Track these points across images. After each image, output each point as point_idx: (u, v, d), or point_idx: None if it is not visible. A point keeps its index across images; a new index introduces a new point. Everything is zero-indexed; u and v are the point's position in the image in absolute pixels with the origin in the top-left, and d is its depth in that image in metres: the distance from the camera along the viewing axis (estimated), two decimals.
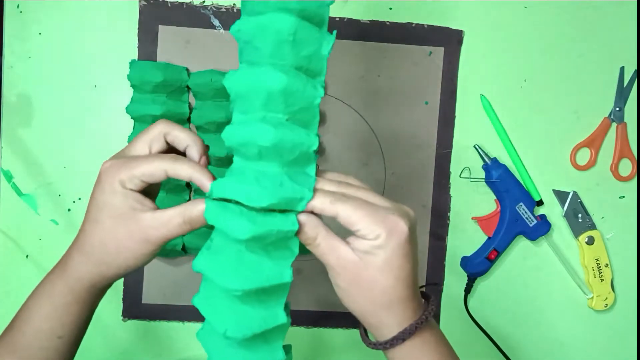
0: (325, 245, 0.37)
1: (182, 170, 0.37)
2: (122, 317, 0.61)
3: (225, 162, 0.58)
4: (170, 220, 0.37)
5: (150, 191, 0.40)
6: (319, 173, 0.40)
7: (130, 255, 0.38)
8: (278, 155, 0.36)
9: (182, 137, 0.39)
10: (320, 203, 0.37)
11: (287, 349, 0.40)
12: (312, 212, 0.37)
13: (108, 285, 0.41)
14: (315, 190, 0.37)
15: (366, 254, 0.36)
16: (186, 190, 0.60)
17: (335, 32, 0.38)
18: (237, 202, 0.36)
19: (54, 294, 0.40)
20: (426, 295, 0.41)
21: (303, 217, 0.37)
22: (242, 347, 0.37)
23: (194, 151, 0.40)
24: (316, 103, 0.38)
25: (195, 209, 0.37)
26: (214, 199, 0.37)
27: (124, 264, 0.39)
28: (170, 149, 0.40)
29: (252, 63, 0.36)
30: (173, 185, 0.59)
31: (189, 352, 0.63)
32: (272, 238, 0.36)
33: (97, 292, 0.41)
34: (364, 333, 0.41)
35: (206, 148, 0.41)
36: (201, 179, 0.38)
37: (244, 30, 0.36)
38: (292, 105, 0.36)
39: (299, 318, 0.63)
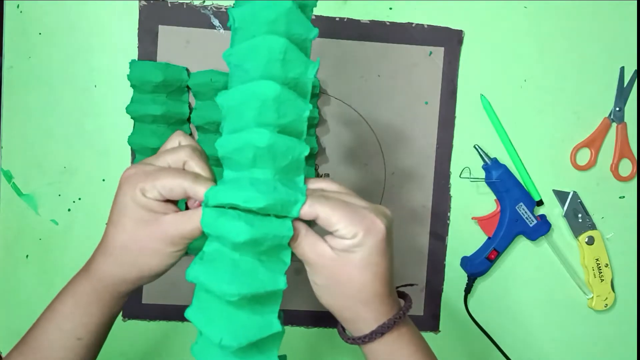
0: (305, 244, 0.38)
1: (201, 189, 0.37)
2: (122, 317, 0.61)
3: None
4: (191, 219, 0.37)
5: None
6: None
7: (152, 257, 0.38)
8: (272, 160, 0.37)
9: (196, 172, 0.39)
10: (304, 211, 0.37)
11: (282, 358, 0.40)
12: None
13: (131, 289, 0.41)
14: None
15: (344, 252, 0.37)
16: None
17: (319, 59, 0.39)
18: (233, 208, 0.36)
19: (77, 293, 0.40)
20: (403, 294, 0.43)
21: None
22: (237, 357, 0.38)
23: (200, 191, 0.39)
24: (305, 116, 0.38)
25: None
26: (211, 207, 0.37)
27: (146, 266, 0.39)
28: None
29: (244, 83, 0.37)
30: None
31: (188, 352, 0.62)
32: (268, 243, 0.36)
33: (119, 296, 0.41)
34: (342, 329, 0.42)
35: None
36: None
37: (235, 53, 0.38)
38: (283, 116, 0.37)
39: (298, 318, 0.63)
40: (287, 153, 0.37)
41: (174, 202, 0.39)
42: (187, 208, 0.41)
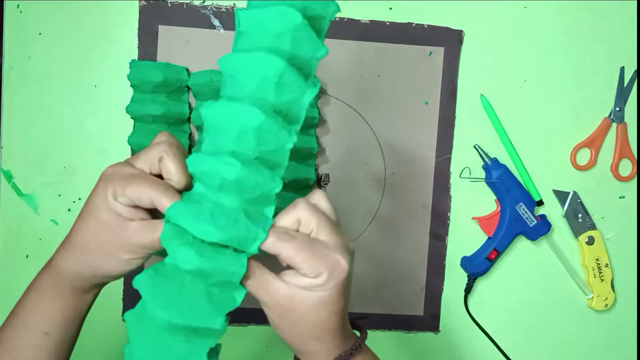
0: (258, 284, 0.37)
1: (166, 202, 0.36)
2: (122, 317, 0.61)
3: None
4: (152, 231, 0.37)
5: None
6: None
7: (108, 260, 0.38)
8: (239, 192, 0.36)
9: (170, 170, 0.38)
10: (266, 247, 0.37)
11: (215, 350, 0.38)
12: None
13: (90, 288, 0.40)
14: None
15: (303, 290, 0.37)
16: None
17: (319, 84, 0.37)
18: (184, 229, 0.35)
19: (40, 287, 0.40)
20: (357, 325, 0.42)
21: None
22: None
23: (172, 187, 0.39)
24: (287, 147, 0.37)
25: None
26: (168, 222, 0.36)
27: (101, 268, 0.38)
28: None
29: (232, 98, 0.36)
30: None
31: None
32: (218, 277, 0.35)
33: (80, 293, 0.40)
34: None
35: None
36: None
37: (231, 64, 0.36)
38: (263, 144, 0.36)
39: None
40: (255, 188, 0.36)
41: (147, 210, 0.38)
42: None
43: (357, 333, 0.42)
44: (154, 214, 0.39)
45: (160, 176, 0.39)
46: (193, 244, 0.35)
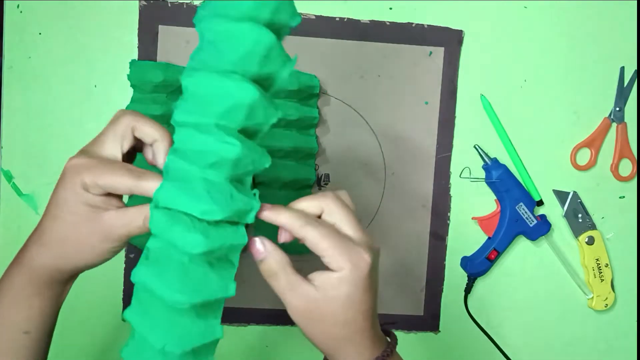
0: (287, 282, 0.37)
1: (150, 186, 0.36)
2: (122, 317, 0.61)
3: None
4: (132, 219, 0.36)
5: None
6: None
7: (90, 252, 0.37)
8: (232, 168, 0.35)
9: (149, 132, 0.38)
10: (290, 223, 0.37)
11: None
12: (276, 244, 0.37)
13: (69, 278, 0.40)
14: (290, 208, 0.38)
15: (329, 290, 0.37)
16: None
17: (296, 56, 0.37)
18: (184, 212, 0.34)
19: (14, 286, 0.39)
20: (387, 331, 0.42)
21: (270, 247, 0.37)
22: None
23: (162, 148, 0.38)
24: (272, 122, 0.36)
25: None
26: (159, 208, 0.35)
27: (82, 260, 0.38)
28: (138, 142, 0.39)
29: (217, 69, 0.34)
30: None
31: None
32: (222, 252, 0.35)
33: (59, 286, 0.40)
34: None
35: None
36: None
37: (213, 29, 0.34)
38: (250, 119, 0.35)
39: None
40: (249, 165, 0.36)
41: (119, 196, 0.38)
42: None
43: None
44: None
45: (128, 157, 0.38)
46: (196, 227, 0.34)
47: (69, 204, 0.36)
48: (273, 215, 0.37)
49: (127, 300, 0.61)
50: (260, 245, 0.37)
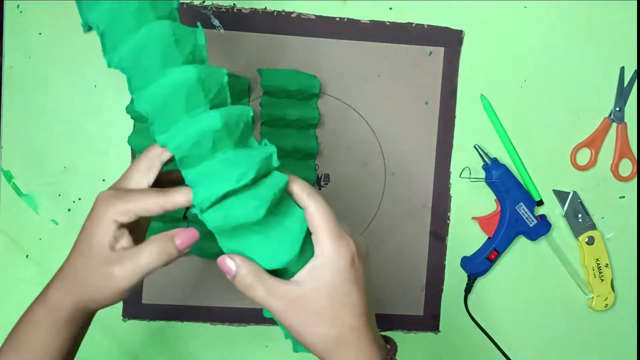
0: (264, 289, 0.37)
1: (179, 198, 0.37)
2: (122, 317, 0.61)
3: None
4: (137, 257, 0.37)
5: (139, 226, 0.41)
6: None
7: (108, 289, 0.37)
8: (229, 135, 0.38)
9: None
10: (300, 189, 0.38)
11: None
12: (244, 257, 0.38)
13: (88, 316, 0.40)
14: (301, 180, 0.40)
15: (311, 281, 0.37)
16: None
17: (199, 24, 0.40)
18: (225, 197, 0.36)
19: (34, 321, 0.39)
20: (386, 338, 0.41)
21: (238, 261, 0.37)
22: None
23: None
24: (225, 81, 0.39)
25: (172, 244, 0.37)
26: (207, 209, 0.36)
27: (101, 296, 0.38)
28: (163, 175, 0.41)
29: (151, 78, 0.37)
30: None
31: (189, 352, 0.63)
32: (277, 199, 0.38)
33: (77, 324, 0.40)
34: None
35: None
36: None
37: (125, 58, 0.38)
38: (209, 91, 0.38)
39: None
40: (238, 121, 0.38)
41: (142, 232, 0.40)
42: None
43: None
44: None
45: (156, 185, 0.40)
46: (246, 195, 0.36)
47: (94, 240, 0.37)
48: (290, 178, 0.39)
49: (127, 300, 0.61)
50: (230, 261, 0.37)
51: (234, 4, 0.60)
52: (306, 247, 0.39)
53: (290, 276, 0.38)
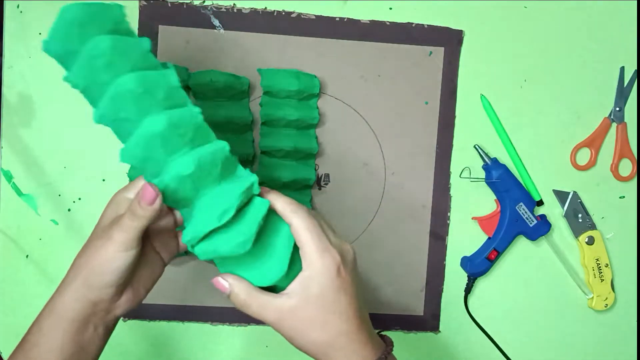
0: (256, 305, 0.39)
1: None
2: (122, 317, 0.61)
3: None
4: (124, 218, 0.39)
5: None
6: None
7: (102, 265, 0.39)
8: (208, 174, 0.40)
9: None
10: (282, 206, 0.41)
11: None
12: (233, 279, 0.41)
13: (89, 321, 0.40)
14: (284, 196, 0.42)
15: (300, 292, 0.39)
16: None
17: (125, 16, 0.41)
18: (212, 232, 0.39)
19: (41, 323, 0.40)
20: (383, 337, 0.43)
21: (231, 280, 0.40)
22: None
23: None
24: (200, 120, 0.41)
25: (137, 205, 0.39)
26: (197, 244, 0.40)
27: (99, 282, 0.39)
28: None
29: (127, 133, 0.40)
30: None
31: (189, 352, 0.63)
32: (261, 225, 0.41)
33: (81, 328, 0.40)
34: None
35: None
36: None
37: (106, 115, 0.39)
38: (184, 134, 0.39)
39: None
40: (215, 159, 0.40)
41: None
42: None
43: None
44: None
45: None
46: (230, 234, 0.39)
47: (104, 218, 0.41)
48: (272, 197, 0.42)
49: None
50: (223, 281, 0.41)
51: (234, 4, 0.60)
52: (296, 260, 0.41)
53: (282, 289, 0.40)
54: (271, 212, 0.42)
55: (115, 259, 0.39)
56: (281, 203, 0.41)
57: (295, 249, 0.41)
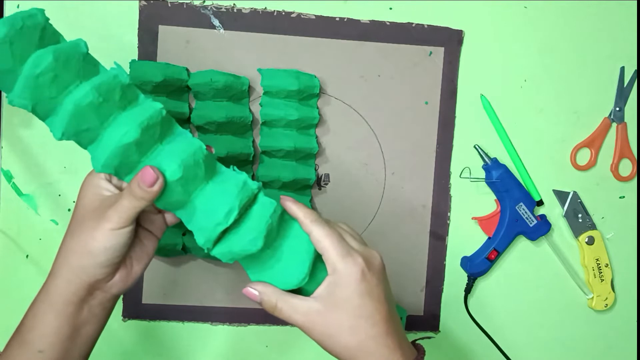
0: (287, 308, 0.40)
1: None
2: (122, 317, 0.61)
3: (225, 161, 0.58)
4: (121, 198, 0.40)
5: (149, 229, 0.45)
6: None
7: (80, 267, 0.39)
8: (194, 176, 0.40)
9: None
10: (303, 216, 0.42)
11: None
12: (261, 286, 0.42)
13: (84, 297, 0.40)
14: (305, 205, 0.43)
15: (327, 297, 0.40)
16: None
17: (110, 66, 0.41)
18: (224, 233, 0.41)
19: (35, 301, 0.41)
20: (416, 344, 0.44)
21: (260, 288, 0.41)
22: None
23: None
24: (164, 114, 0.41)
25: (137, 185, 0.39)
26: (213, 247, 0.41)
27: (90, 262, 0.39)
28: None
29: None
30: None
31: (189, 352, 0.63)
32: (275, 223, 0.42)
33: (74, 307, 0.40)
34: None
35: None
36: None
37: (66, 131, 0.39)
38: (153, 133, 0.40)
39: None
40: (197, 160, 0.40)
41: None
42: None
43: None
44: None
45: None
46: (240, 235, 0.41)
47: (86, 199, 0.41)
48: (294, 207, 0.43)
49: (127, 300, 0.61)
50: (253, 290, 0.42)
51: (234, 4, 0.60)
52: (321, 266, 0.42)
53: (311, 293, 0.41)
54: (289, 218, 0.44)
55: (110, 238, 0.39)
56: (302, 214, 0.42)
57: (319, 255, 0.42)
